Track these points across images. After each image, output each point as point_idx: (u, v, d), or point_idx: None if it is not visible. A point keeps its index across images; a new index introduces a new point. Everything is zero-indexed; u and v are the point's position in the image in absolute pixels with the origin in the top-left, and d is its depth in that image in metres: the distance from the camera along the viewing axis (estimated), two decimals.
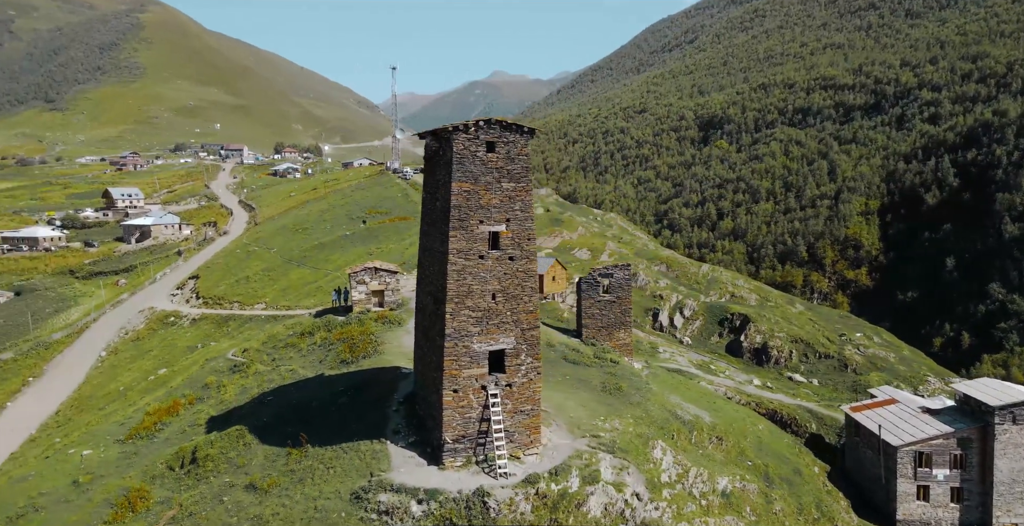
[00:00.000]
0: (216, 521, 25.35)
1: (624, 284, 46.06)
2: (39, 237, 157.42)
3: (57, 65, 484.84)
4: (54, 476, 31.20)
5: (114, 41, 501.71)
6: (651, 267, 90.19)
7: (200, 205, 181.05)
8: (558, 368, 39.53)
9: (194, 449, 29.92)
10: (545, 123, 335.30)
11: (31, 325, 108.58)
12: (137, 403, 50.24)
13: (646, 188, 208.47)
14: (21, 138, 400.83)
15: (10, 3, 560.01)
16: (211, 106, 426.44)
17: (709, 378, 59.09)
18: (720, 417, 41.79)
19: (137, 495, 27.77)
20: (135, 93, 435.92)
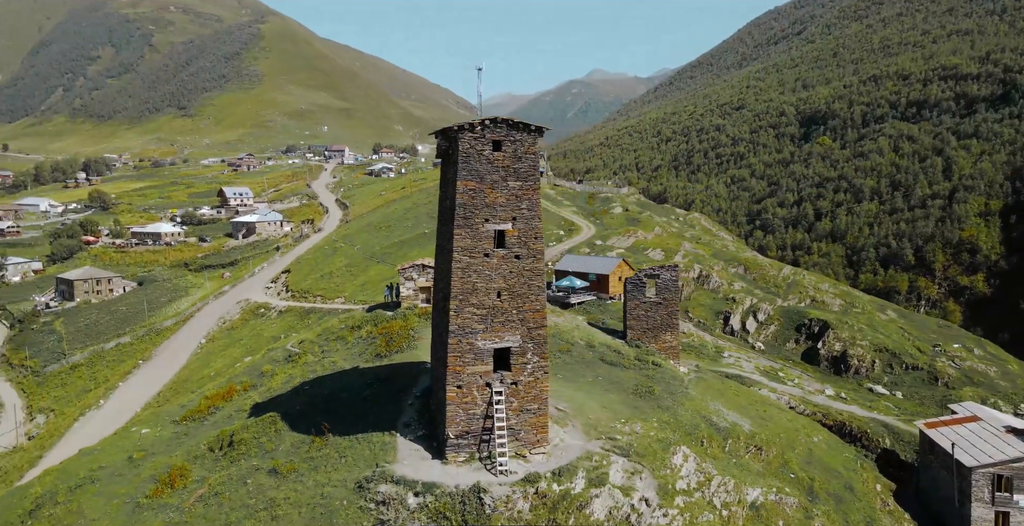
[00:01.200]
0: (237, 501, 27.07)
1: (671, 286, 44.90)
2: (162, 233, 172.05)
3: (188, 74, 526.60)
4: (115, 451, 34.36)
5: (237, 51, 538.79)
6: (727, 269, 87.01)
7: (301, 203, 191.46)
8: (593, 369, 39.18)
9: (232, 433, 32.02)
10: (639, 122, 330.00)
11: (147, 313, 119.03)
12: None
13: (739, 187, 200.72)
14: (156, 142, 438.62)
15: (151, 19, 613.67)
16: (320, 109, 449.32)
17: (773, 386, 56.49)
18: (766, 426, 39.98)
19: (177, 473, 30.08)
20: (254, 99, 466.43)
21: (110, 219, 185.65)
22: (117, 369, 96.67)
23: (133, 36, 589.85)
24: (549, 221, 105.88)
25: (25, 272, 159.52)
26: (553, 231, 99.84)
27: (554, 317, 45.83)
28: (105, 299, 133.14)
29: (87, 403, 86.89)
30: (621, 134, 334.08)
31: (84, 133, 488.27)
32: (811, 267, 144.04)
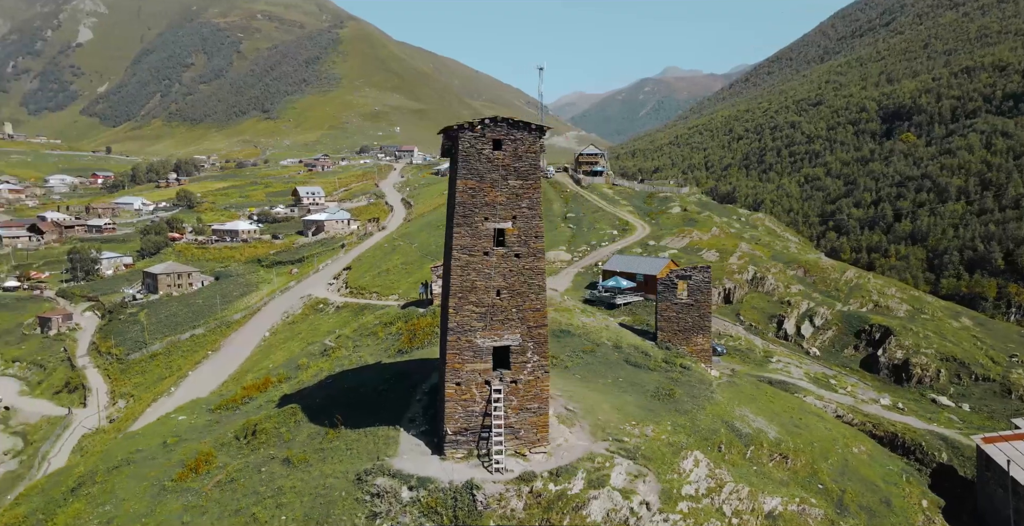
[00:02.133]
0: (249, 488, 28.32)
1: (703, 287, 43.78)
2: (239, 230, 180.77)
3: (272, 79, 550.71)
4: (153, 436, 36.56)
5: (317, 55, 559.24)
6: (785, 271, 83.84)
7: (369, 202, 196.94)
8: (614, 370, 38.71)
9: (256, 423, 33.48)
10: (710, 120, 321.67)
11: (219, 306, 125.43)
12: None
13: (813, 187, 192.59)
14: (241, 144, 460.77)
15: (240, 27, 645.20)
16: (393, 111, 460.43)
17: (821, 393, 54.21)
18: (798, 434, 38.44)
19: (203, 459, 31.72)
20: (331, 101, 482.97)
21: (193, 217, 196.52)
22: (189, 359, 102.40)
23: (223, 44, 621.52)
24: (603, 220, 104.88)
25: (117, 266, 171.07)
26: (607, 231, 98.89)
27: (583, 317, 45.54)
28: (185, 292, 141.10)
29: (160, 390, 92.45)
30: (691, 132, 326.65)
31: (178, 136, 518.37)
32: (888, 271, 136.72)
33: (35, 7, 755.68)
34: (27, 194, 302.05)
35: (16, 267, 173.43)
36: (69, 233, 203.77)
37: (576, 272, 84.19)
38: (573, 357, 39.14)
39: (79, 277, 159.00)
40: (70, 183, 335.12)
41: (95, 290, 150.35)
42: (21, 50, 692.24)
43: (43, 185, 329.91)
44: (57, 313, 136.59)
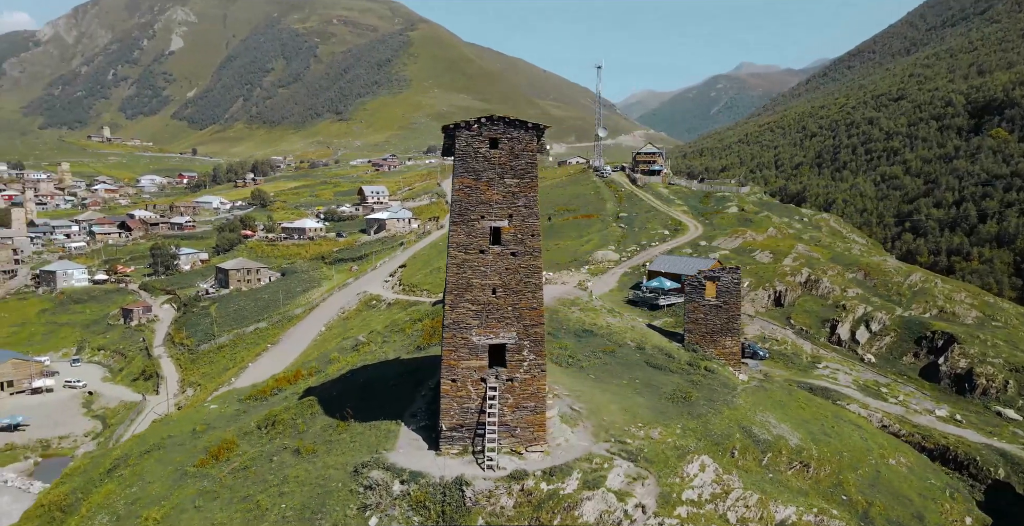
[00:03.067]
0: (259, 476, 29.49)
1: (732, 288, 42.56)
2: (306, 228, 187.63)
3: (345, 82, 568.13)
4: (186, 423, 38.56)
5: (388, 58, 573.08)
6: (843, 274, 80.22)
7: (430, 201, 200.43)
8: (633, 372, 38.15)
9: (276, 414, 34.82)
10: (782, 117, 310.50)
11: (282, 301, 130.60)
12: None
13: (890, 186, 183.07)
14: (315, 145, 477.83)
15: (317, 32, 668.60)
16: (460, 111, 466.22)
17: (867, 401, 51.80)
18: (826, 443, 36.88)
19: (225, 446, 33.20)
20: (401, 102, 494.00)
21: (265, 215, 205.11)
22: (251, 351, 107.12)
23: (301, 48, 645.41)
24: (656, 220, 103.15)
25: (194, 262, 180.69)
26: (657, 231, 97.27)
27: (609, 317, 45.07)
28: (253, 287, 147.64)
29: (222, 380, 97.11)
30: (762, 130, 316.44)
31: (258, 138, 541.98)
32: (969, 275, 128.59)
33: (134, 18, 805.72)
34: (121, 193, 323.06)
35: (106, 261, 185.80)
36: (154, 230, 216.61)
37: (623, 272, 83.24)
38: (591, 357, 38.82)
39: (160, 271, 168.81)
40: (159, 183, 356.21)
41: (173, 284, 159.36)
42: (120, 59, 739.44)
43: (135, 185, 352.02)
44: (138, 305, 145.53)
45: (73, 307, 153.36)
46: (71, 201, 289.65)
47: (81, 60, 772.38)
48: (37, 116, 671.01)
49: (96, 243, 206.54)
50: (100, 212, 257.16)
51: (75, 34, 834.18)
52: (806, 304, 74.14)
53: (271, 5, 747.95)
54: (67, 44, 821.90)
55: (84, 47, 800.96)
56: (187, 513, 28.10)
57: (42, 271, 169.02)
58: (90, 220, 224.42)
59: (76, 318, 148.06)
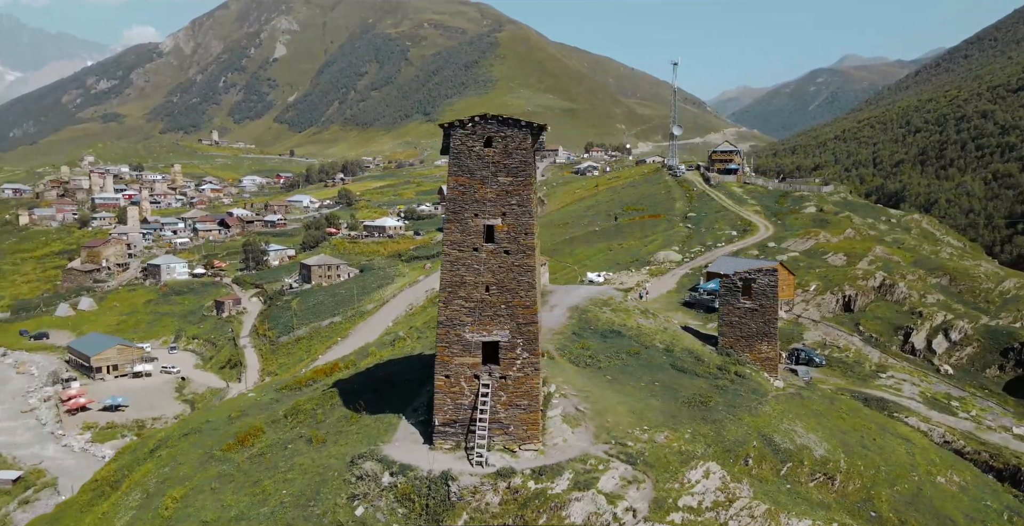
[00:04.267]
0: (271, 462, 30.98)
1: (768, 291, 40.75)
2: (386, 226, 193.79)
3: (434, 83, 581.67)
4: (225, 410, 40.97)
5: (476, 59, 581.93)
6: (925, 279, 74.87)
7: None
8: (654, 374, 37.27)
9: (300, 403, 36.46)
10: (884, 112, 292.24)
11: (357, 297, 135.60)
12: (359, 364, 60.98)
13: (1002, 184, 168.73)
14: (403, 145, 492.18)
15: (408, 36, 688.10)
16: (545, 110, 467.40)
17: (930, 415, 48.39)
18: (861, 456, 34.73)
19: (251, 433, 35.03)
20: (487, 103, 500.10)
21: (348, 214, 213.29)
22: (324, 344, 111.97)
23: (393, 52, 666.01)
24: (724, 220, 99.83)
25: (282, 258, 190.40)
26: (724, 231, 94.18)
27: (640, 318, 44.19)
28: (333, 283, 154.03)
29: (295, 371, 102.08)
30: (861, 126, 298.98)
31: (351, 139, 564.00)
32: None
33: (243, 28, 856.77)
34: (224, 193, 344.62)
35: (204, 256, 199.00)
36: (249, 227, 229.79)
37: (684, 273, 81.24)
38: (612, 358, 38.23)
39: (250, 266, 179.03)
40: (258, 183, 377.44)
41: (261, 278, 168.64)
42: (230, 67, 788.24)
43: (238, 185, 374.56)
44: (229, 298, 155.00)
45: (174, 298, 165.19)
46: (181, 200, 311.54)
47: (196, 69, 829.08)
48: (158, 121, 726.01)
49: (198, 239, 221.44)
50: (204, 210, 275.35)
51: (192, 45, 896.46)
52: (878, 310, 69.81)
53: (367, 11, 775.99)
54: (185, 54, 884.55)
55: (199, 57, 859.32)
56: (203, 494, 29.95)
57: (149, 264, 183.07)
58: (194, 218, 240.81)
59: (176, 309, 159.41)
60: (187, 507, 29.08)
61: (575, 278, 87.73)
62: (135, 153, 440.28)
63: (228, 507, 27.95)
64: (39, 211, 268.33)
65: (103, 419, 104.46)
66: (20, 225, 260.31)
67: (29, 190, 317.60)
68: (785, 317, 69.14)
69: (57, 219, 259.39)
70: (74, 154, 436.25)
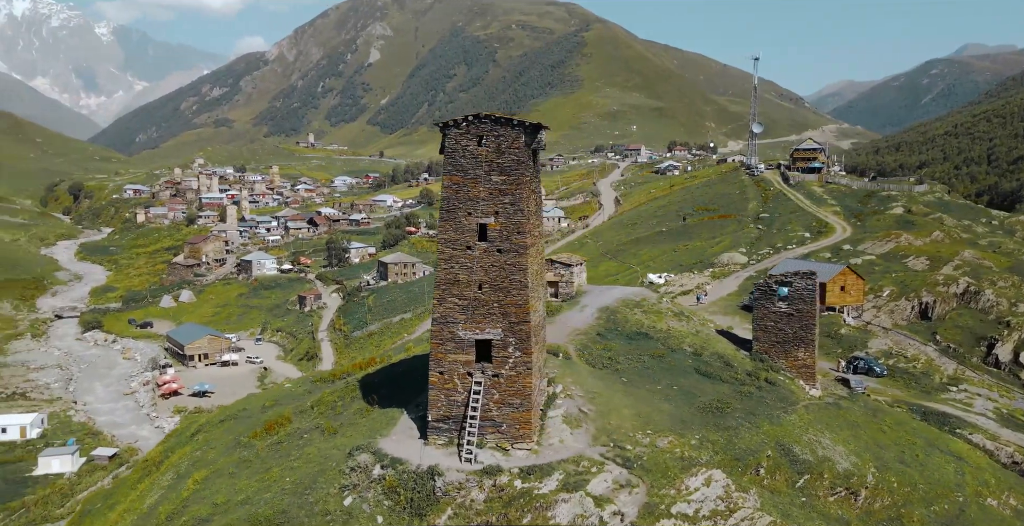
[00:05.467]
0: (286, 451, 32.37)
1: (806, 295, 38.71)
2: None
3: (520, 84, 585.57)
4: (262, 399, 43.05)
5: (562, 59, 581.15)
6: (1019, 286, 68.65)
7: (584, 200, 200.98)
8: (674, 378, 36.21)
9: (325, 395, 37.88)
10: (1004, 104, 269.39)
11: (428, 294, 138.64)
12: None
13: None
14: None
15: (497, 38, 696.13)
16: (631, 110, 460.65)
17: (1000, 433, 44.65)
18: (897, 472, 32.46)
19: (278, 421, 36.64)
20: (572, 102, 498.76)
21: (427, 213, 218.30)
22: (391, 339, 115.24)
23: (481, 54, 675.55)
24: (798, 221, 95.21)
25: (363, 255, 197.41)
26: (797, 233, 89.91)
27: (673, 320, 42.98)
28: (408, 280, 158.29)
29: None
30: (977, 120, 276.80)
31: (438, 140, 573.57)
32: None
33: (341, 35, 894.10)
34: (317, 193, 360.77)
35: (292, 253, 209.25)
36: (336, 226, 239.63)
37: (748, 276, 78.17)
38: (633, 360, 37.41)
39: (333, 263, 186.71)
40: (349, 183, 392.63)
41: (342, 275, 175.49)
42: (328, 72, 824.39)
43: (330, 185, 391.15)
44: (311, 293, 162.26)
45: (263, 292, 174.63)
46: (277, 199, 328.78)
47: (298, 75, 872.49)
48: (262, 125, 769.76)
49: (289, 237, 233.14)
50: (296, 209, 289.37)
51: (295, 52, 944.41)
52: (960, 318, 64.68)
53: (457, 15, 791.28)
54: (288, 62, 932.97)
55: (301, 64, 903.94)
56: (222, 478, 31.69)
57: (242, 260, 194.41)
58: (286, 216, 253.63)
59: (263, 302, 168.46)
60: (204, 489, 30.89)
61: (635, 280, 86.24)
62: (239, 155, 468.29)
63: (239, 491, 29.44)
64: (154, 210, 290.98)
65: (191, 404, 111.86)
66: (137, 223, 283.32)
67: (147, 190, 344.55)
68: (853, 323, 65.32)
69: (168, 217, 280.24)
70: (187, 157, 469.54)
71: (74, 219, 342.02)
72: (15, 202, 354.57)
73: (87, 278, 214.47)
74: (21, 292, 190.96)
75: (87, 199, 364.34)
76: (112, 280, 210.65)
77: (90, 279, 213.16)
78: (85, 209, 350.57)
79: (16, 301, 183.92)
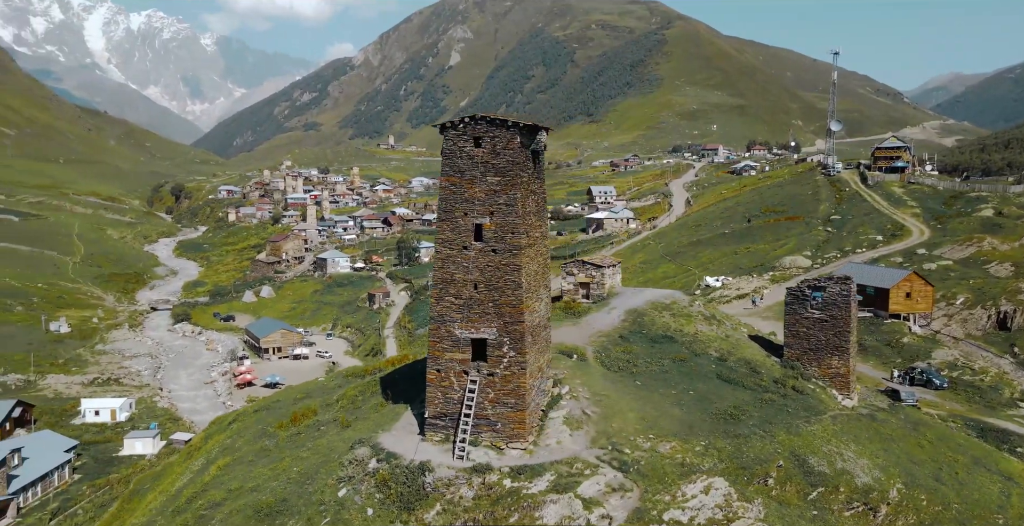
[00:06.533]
0: (300, 441, 33.64)
1: (840, 301, 36.84)
2: None
3: (598, 84, 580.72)
4: (295, 392, 44.83)
5: (641, 58, 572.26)
6: None
7: (655, 201, 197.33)
8: (693, 383, 35.23)
9: (349, 390, 39.12)
10: None
11: None
12: None
13: None
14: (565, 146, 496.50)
15: (575, 38, 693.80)
16: (712, 109, 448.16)
17: None
18: (925, 489, 30.43)
19: (304, 413, 38.08)
20: (651, 102, 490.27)
21: None
22: None
23: (560, 55, 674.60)
24: (871, 224, 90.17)
25: (432, 254, 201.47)
26: (868, 236, 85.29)
27: (702, 324, 41.73)
28: None
29: None
30: None
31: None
32: None
33: (423, 39, 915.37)
34: (394, 193, 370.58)
35: (366, 252, 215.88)
36: (409, 226, 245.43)
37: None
38: (652, 363, 36.62)
39: (403, 262, 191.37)
40: (425, 184, 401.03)
41: (410, 274, 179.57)
42: (410, 76, 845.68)
43: (407, 186, 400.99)
44: (381, 291, 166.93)
45: (336, 289, 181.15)
46: (357, 200, 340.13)
47: (382, 79, 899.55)
48: (348, 128, 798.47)
49: (364, 236, 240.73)
50: (373, 209, 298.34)
51: (379, 57, 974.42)
52: None
53: (536, 16, 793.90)
54: (373, 66, 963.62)
55: (385, 68, 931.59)
56: (242, 465, 33.33)
57: (318, 258, 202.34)
58: (362, 216, 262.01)
59: (336, 299, 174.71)
60: (224, 475, 32.58)
61: (692, 282, 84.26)
62: (324, 157, 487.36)
63: (252, 478, 30.88)
64: (244, 209, 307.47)
65: (263, 394, 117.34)
66: (228, 222, 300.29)
67: (238, 191, 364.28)
68: (919, 332, 61.45)
69: (256, 216, 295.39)
70: (277, 159, 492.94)
71: (175, 218, 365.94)
72: (125, 202, 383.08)
73: (181, 273, 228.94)
74: (124, 285, 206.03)
75: (187, 199, 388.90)
76: (203, 275, 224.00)
77: (184, 274, 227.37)
78: (184, 209, 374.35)
79: (119, 294, 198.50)
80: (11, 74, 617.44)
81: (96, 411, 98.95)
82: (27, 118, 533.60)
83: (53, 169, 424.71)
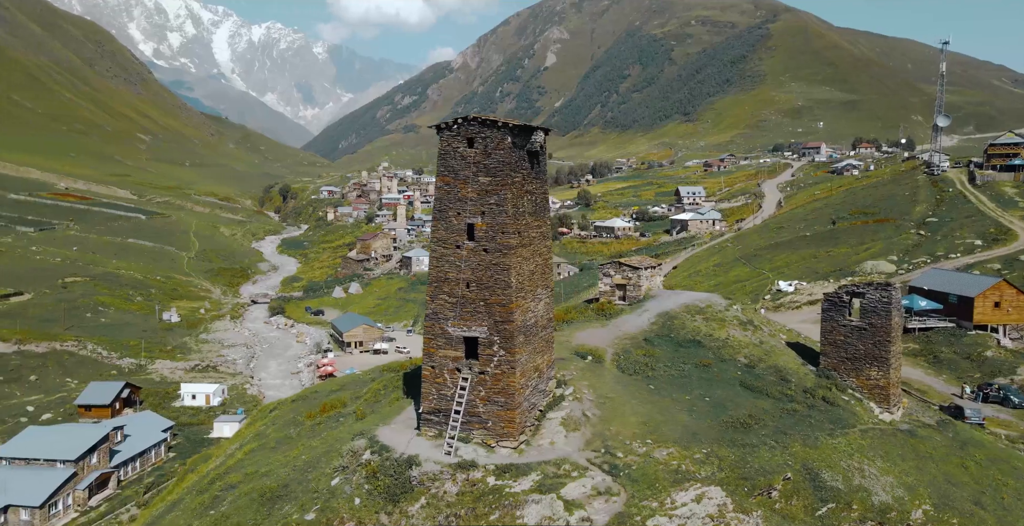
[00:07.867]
0: (318, 431, 34.96)
1: (880, 309, 34.26)
2: (614, 227, 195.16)
3: (696, 82, 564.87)
4: (332, 385, 46.60)
5: (743, 54, 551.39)
6: None
7: (745, 202, 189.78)
8: (712, 389, 33.83)
9: (376, 384, 40.32)
10: None
11: (564, 295, 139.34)
12: None
13: None
14: (659, 146, 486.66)
15: (674, 35, 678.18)
16: (818, 105, 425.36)
17: None
18: (958, 513, 28.00)
19: (333, 404, 39.52)
20: (751, 99, 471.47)
21: (581, 214, 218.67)
22: None
23: (657, 53, 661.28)
24: (971, 227, 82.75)
25: None
26: (966, 240, 78.50)
27: (736, 329, 39.93)
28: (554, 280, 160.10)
29: None
30: None
31: (609, 141, 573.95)
32: None
33: (520, 41, 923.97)
34: None
35: None
36: None
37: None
38: (671, 368, 35.43)
39: None
40: None
41: None
42: (507, 77, 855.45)
43: None
44: None
45: (420, 287, 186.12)
46: None
47: (479, 82, 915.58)
48: None
49: None
50: None
51: (477, 60, 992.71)
52: None
53: (634, 14, 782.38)
54: (471, 69, 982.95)
55: (482, 71, 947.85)
56: (264, 451, 35.13)
57: (404, 256, 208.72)
58: None
59: (419, 296, 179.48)
60: (247, 460, 34.46)
61: (765, 286, 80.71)
62: (419, 159, 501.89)
63: (267, 464, 32.50)
64: (342, 209, 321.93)
65: None
66: (327, 220, 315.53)
67: (338, 191, 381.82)
68: (1009, 346, 56.01)
69: (353, 216, 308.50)
70: (376, 161, 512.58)
71: (281, 217, 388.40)
72: (238, 202, 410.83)
73: (282, 269, 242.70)
74: (230, 279, 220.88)
75: (292, 199, 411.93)
76: (300, 271, 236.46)
77: (284, 270, 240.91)
78: (290, 208, 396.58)
79: (225, 287, 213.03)
80: (148, 85, 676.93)
81: (193, 395, 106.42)
82: (161, 125, 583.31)
83: (180, 172, 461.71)
